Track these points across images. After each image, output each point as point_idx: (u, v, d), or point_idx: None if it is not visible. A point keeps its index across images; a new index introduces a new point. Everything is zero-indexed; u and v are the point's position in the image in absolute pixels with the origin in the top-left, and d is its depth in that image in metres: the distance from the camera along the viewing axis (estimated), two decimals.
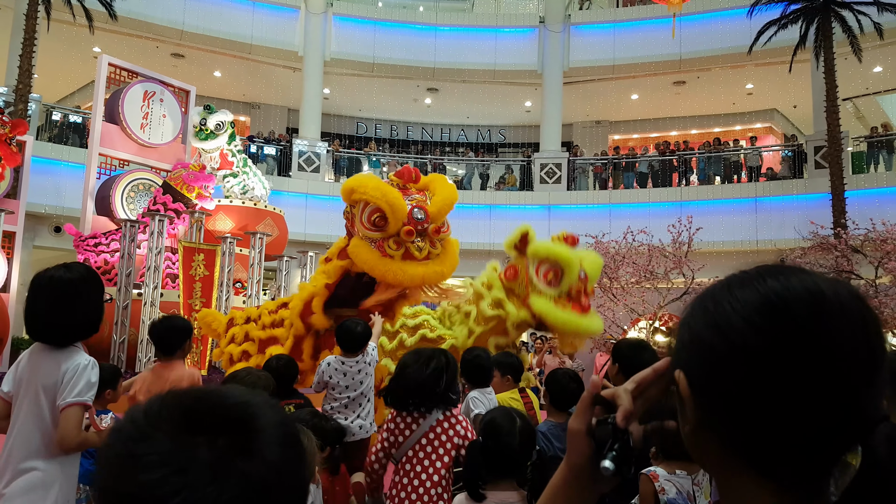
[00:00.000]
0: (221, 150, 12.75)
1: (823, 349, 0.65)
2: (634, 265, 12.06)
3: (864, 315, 0.68)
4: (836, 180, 14.41)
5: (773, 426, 0.65)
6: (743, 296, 0.69)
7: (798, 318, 0.66)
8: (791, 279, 0.69)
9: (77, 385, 2.37)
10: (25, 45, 13.93)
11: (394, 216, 4.69)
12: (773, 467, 0.67)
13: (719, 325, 0.69)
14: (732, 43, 17.49)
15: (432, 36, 19.63)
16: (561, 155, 19.12)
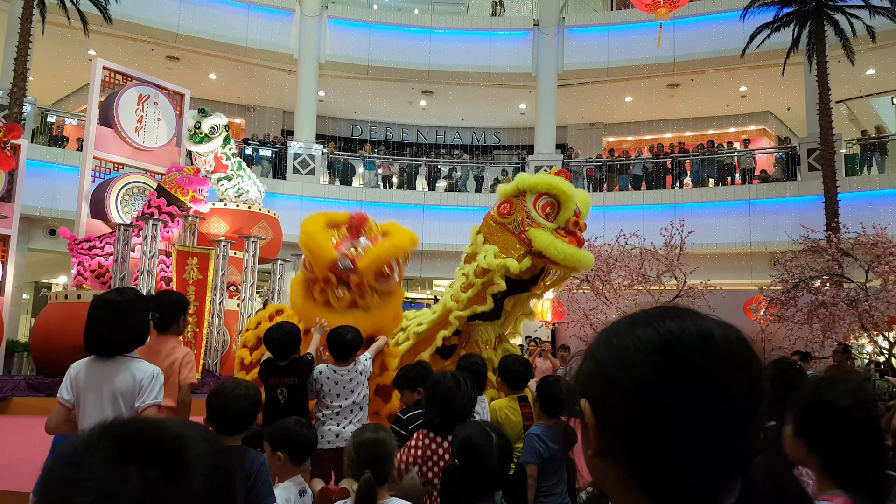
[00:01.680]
0: (216, 154, 12.77)
1: (713, 389, 0.71)
2: (627, 268, 12.11)
3: (750, 358, 0.74)
4: (829, 183, 14.49)
5: (667, 456, 0.70)
6: (644, 335, 0.74)
7: (692, 359, 0.72)
8: (687, 322, 0.75)
9: (154, 389, 2.85)
10: (20, 47, 13.94)
11: (315, 263, 4.73)
12: (666, 493, 0.72)
13: (622, 360, 0.74)
14: (726, 46, 17.57)
15: (427, 38, 19.68)
16: (555, 157, 19.18)
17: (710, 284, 12.30)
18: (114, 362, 2.86)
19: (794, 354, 9.20)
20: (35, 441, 3.78)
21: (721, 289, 12.69)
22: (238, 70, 19.82)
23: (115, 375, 2.83)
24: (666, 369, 0.71)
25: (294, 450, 2.82)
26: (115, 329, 2.86)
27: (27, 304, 18.83)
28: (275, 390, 4.01)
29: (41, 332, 10.66)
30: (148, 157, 12.32)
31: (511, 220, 5.43)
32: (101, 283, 11.01)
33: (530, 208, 5.33)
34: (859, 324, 10.11)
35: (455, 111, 22.26)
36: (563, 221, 5.35)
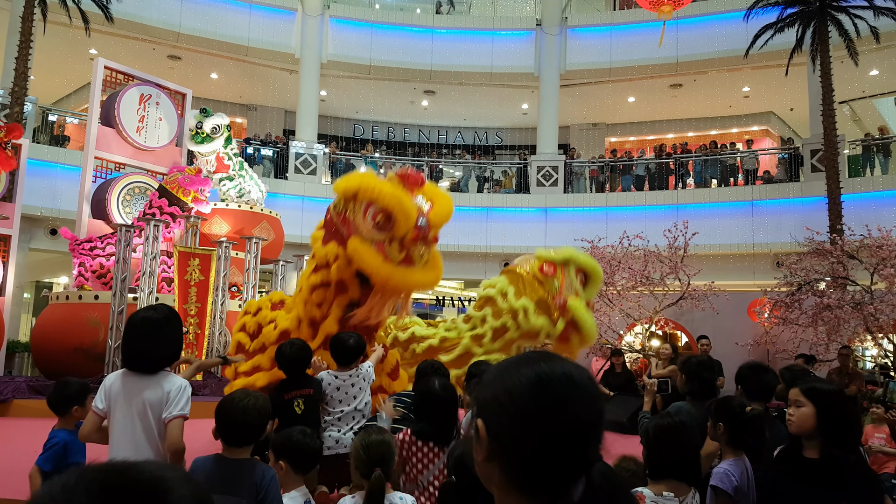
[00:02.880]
0: (218, 154, 12.73)
1: (570, 413, 0.98)
2: (630, 270, 12.05)
3: (596, 392, 1.02)
4: (833, 184, 14.43)
5: (535, 461, 0.97)
6: (525, 372, 1.01)
7: (557, 392, 0.99)
8: (554, 364, 1.02)
9: (181, 401, 2.93)
10: (21, 47, 13.90)
11: (405, 220, 4.54)
12: (532, 488, 0.98)
13: (510, 391, 1.00)
14: (729, 46, 17.52)
15: (429, 38, 19.63)
16: (557, 157, 19.13)
17: (713, 286, 12.23)
18: (148, 376, 2.97)
19: (799, 357, 9.16)
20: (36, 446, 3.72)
21: (725, 291, 12.63)
22: (240, 69, 19.78)
23: (145, 387, 2.95)
24: (539, 398, 0.98)
25: (297, 459, 2.78)
26: (152, 346, 2.99)
27: (28, 304, 18.80)
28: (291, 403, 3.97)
29: (42, 332, 10.63)
30: (149, 157, 12.29)
31: (550, 282, 5.92)
32: (102, 283, 10.98)
33: (573, 277, 5.86)
34: (864, 327, 10.06)
35: (457, 111, 22.21)
36: (592, 295, 5.99)
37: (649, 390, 4.08)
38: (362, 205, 4.66)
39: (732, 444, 2.87)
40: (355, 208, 4.72)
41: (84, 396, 3.64)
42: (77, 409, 3.61)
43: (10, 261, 11.38)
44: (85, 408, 3.62)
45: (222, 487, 2.57)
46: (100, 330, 9.89)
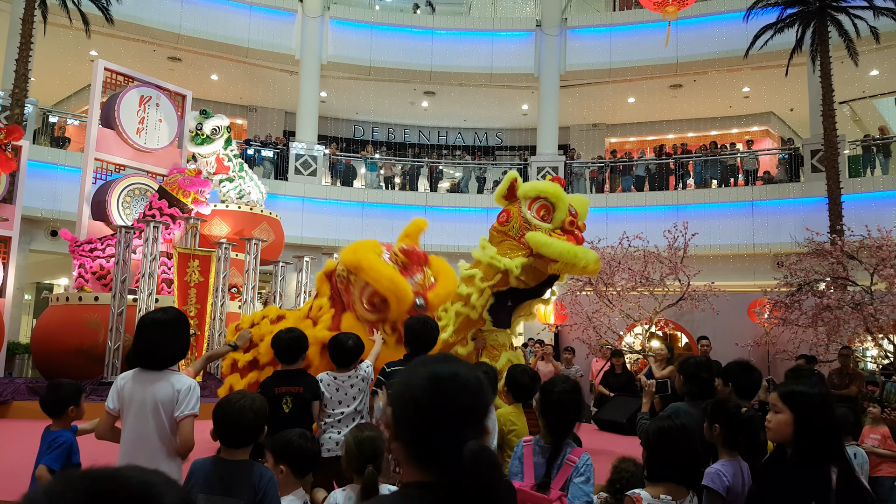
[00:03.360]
0: (217, 155, 12.73)
1: (456, 403, 1.24)
2: (630, 271, 12.04)
3: (477, 387, 1.28)
4: (833, 184, 14.43)
5: (428, 440, 1.23)
6: (423, 371, 1.28)
7: (444, 387, 1.25)
8: (447, 365, 1.30)
9: (191, 401, 3.05)
10: (22, 48, 13.91)
11: (398, 306, 4.70)
12: (426, 461, 1.24)
13: (411, 385, 1.27)
14: (729, 46, 17.52)
15: (429, 39, 19.63)
16: (557, 158, 19.14)
17: (713, 287, 12.23)
18: (156, 374, 3.11)
19: (800, 358, 9.16)
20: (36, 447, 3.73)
21: (725, 291, 12.63)
22: (240, 71, 19.79)
23: (156, 387, 3.08)
24: (432, 391, 1.24)
25: (297, 463, 2.78)
26: (161, 346, 3.13)
27: (28, 306, 18.81)
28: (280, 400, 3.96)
29: (42, 334, 10.64)
30: (149, 158, 12.30)
31: (510, 227, 5.71)
32: (102, 285, 10.98)
33: (525, 212, 5.60)
34: (864, 327, 10.04)
35: (457, 112, 22.22)
36: (558, 222, 5.58)
37: (648, 391, 4.07)
38: (360, 284, 4.89)
39: (727, 444, 2.86)
40: (355, 284, 4.96)
41: (78, 397, 3.70)
42: (72, 410, 3.66)
43: (10, 262, 11.39)
44: (80, 408, 3.70)
45: (221, 488, 2.58)
46: (100, 331, 9.90)
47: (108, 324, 9.73)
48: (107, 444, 3.19)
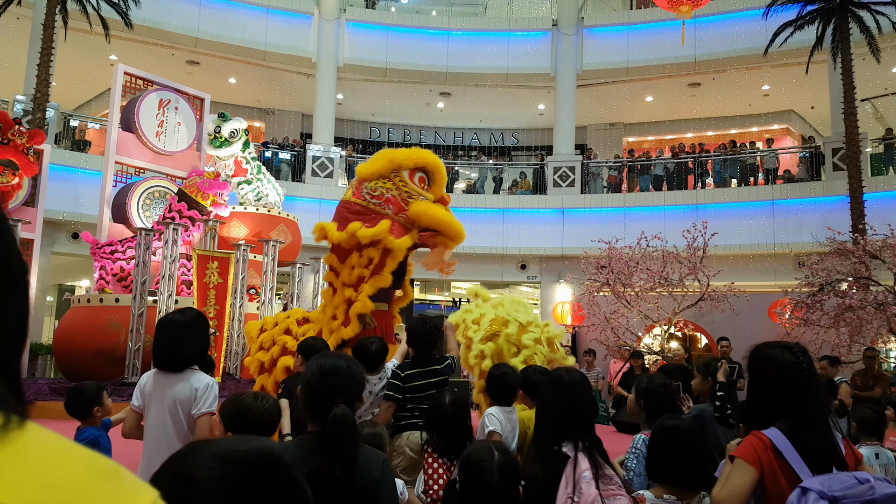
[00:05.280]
0: (236, 158, 12.83)
1: (329, 383, 2.14)
2: (648, 271, 11.95)
3: (353, 372, 2.18)
4: (855, 182, 14.23)
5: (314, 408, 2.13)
6: (315, 363, 2.12)
7: (326, 373, 2.14)
8: (331, 359, 2.21)
9: (208, 399, 3.13)
10: (43, 54, 14.10)
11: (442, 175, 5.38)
12: (314, 421, 2.01)
13: (308, 372, 2.17)
14: (748, 44, 17.33)
15: (445, 40, 19.63)
16: (574, 158, 19.04)
17: (733, 287, 12.10)
18: (177, 374, 3.20)
19: (823, 359, 9.03)
20: None
21: (745, 292, 12.49)
22: (257, 74, 19.92)
23: (175, 385, 3.16)
24: (321, 378, 2.13)
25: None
26: (180, 347, 3.20)
27: (51, 307, 19.06)
28: None
29: (64, 335, 10.77)
30: (169, 161, 12.41)
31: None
32: (122, 286, 11.10)
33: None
34: (887, 328, 9.90)
35: (473, 112, 22.20)
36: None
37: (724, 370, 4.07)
38: (406, 172, 5.16)
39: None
40: (400, 178, 5.16)
41: (100, 395, 3.84)
42: (98, 409, 3.81)
43: (32, 264, 11.55)
44: (105, 406, 3.86)
45: None
46: (120, 332, 10.01)
47: (129, 325, 9.84)
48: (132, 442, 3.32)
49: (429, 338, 4.29)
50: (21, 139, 10.42)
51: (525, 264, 18.50)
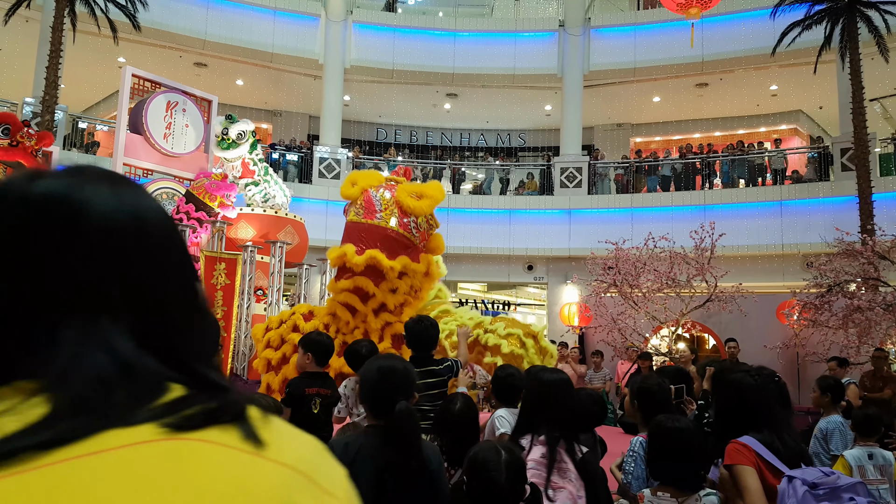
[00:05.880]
0: (243, 160, 12.85)
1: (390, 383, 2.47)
2: (656, 272, 11.92)
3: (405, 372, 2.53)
4: (863, 183, 14.15)
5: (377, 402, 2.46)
6: (373, 365, 2.46)
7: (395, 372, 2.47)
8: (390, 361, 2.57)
9: None
10: (52, 56, 14.18)
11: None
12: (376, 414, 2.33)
13: (366, 372, 2.44)
14: (755, 44, 17.27)
15: (451, 41, 19.64)
16: (581, 159, 19.00)
17: (741, 288, 12.05)
18: None
19: (832, 360, 8.97)
20: None
21: (753, 293, 12.44)
22: (265, 76, 19.98)
23: None
24: (380, 377, 2.42)
25: None
26: None
27: None
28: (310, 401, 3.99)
29: None
30: (176, 163, 12.46)
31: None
32: None
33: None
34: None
35: (480, 113, 22.20)
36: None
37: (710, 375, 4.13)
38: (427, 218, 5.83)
39: None
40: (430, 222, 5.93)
41: None
42: None
43: None
44: None
45: None
46: None
47: None
48: None
49: (425, 336, 4.25)
50: (30, 141, 10.48)
51: (532, 265, 18.48)
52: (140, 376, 0.60)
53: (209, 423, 0.57)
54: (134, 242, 0.64)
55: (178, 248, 0.69)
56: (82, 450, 0.52)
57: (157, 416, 0.56)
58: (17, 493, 0.49)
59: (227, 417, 0.58)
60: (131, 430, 0.55)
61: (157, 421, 0.56)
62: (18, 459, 0.51)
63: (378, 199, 5.82)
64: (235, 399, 0.62)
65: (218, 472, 0.53)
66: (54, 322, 0.60)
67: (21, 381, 0.58)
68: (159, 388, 0.59)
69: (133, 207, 0.66)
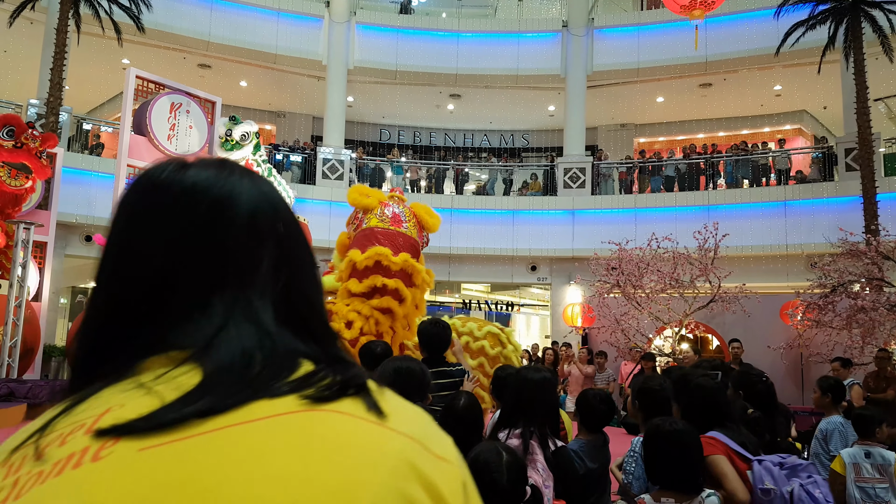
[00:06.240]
0: (247, 161, 12.89)
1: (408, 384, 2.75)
2: (659, 272, 11.91)
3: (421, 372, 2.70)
4: (868, 183, 14.12)
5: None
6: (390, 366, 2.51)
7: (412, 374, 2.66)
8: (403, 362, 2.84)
9: None
10: (56, 58, 14.23)
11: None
12: None
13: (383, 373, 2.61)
14: (759, 44, 17.24)
15: (455, 42, 19.65)
16: (585, 159, 18.99)
17: (744, 289, 12.03)
18: None
19: (835, 361, 8.96)
20: None
21: (756, 293, 12.42)
22: (268, 77, 20.01)
23: None
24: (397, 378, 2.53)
25: None
26: None
27: (64, 309, 19.21)
28: None
29: None
30: None
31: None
32: None
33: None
34: None
35: (483, 114, 22.21)
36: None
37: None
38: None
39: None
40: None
41: None
42: None
43: (46, 267, 11.65)
44: None
45: None
46: None
47: None
48: None
49: (439, 338, 4.35)
50: (34, 143, 10.52)
51: (535, 266, 18.47)
52: (278, 349, 0.65)
53: (340, 396, 0.62)
54: (273, 226, 0.72)
55: (302, 233, 0.76)
56: (235, 419, 0.57)
57: (296, 389, 0.61)
58: (181, 460, 0.54)
59: (352, 390, 0.63)
60: (276, 401, 0.60)
61: (297, 393, 0.61)
62: (180, 427, 0.56)
63: (401, 211, 6.28)
64: (357, 373, 0.66)
65: (353, 440, 0.58)
66: (206, 297, 0.66)
67: (174, 350, 0.64)
68: (294, 362, 0.65)
69: (270, 196, 0.74)
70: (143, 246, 0.68)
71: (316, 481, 0.54)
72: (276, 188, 0.76)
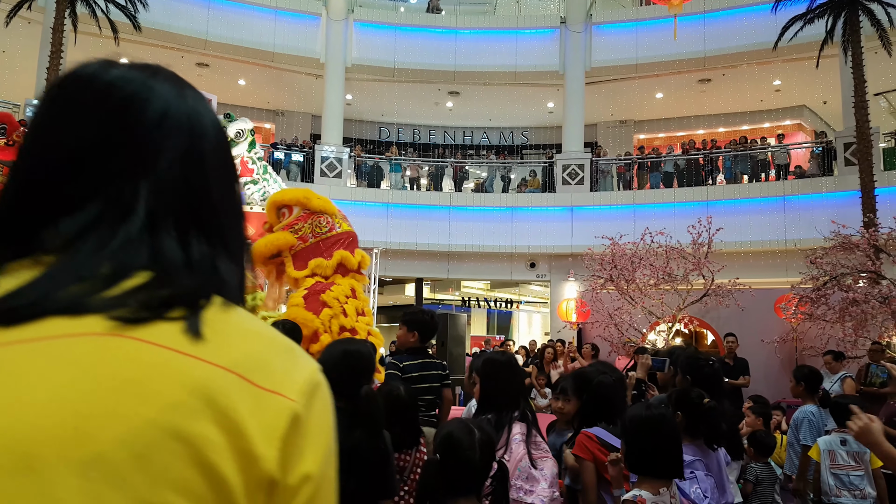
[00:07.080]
0: (242, 158, 12.90)
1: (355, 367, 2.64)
2: (652, 267, 11.87)
3: (369, 355, 2.64)
4: (866, 177, 14.04)
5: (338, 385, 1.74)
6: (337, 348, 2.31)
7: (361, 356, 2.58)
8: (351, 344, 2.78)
9: None
10: (53, 57, 14.30)
11: None
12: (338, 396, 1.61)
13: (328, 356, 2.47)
14: (758, 39, 17.16)
15: (453, 39, 19.64)
16: (584, 156, 18.95)
17: (738, 283, 11.97)
18: None
19: (827, 354, 8.90)
20: None
21: (750, 287, 12.36)
22: (266, 75, 20.05)
23: None
24: (345, 360, 2.49)
25: None
26: None
27: None
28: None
29: None
30: None
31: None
32: None
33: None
34: (893, 322, 9.76)
35: (482, 111, 22.19)
36: None
37: (643, 363, 4.30)
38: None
39: (689, 432, 3.12)
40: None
41: None
42: None
43: None
44: None
45: None
46: None
47: None
48: None
49: (429, 327, 4.50)
50: None
51: (534, 263, 18.45)
52: (130, 255, 0.61)
53: (156, 317, 0.57)
54: (186, 130, 0.68)
55: (226, 151, 0.73)
56: (24, 335, 0.54)
57: (111, 306, 0.56)
58: None
59: (178, 309, 0.58)
60: (80, 319, 0.55)
61: (108, 311, 0.56)
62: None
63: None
64: (195, 285, 0.61)
65: (135, 373, 0.53)
66: (95, 190, 0.63)
67: (40, 252, 0.60)
68: (132, 271, 0.60)
69: (192, 105, 0.72)
70: (51, 136, 0.65)
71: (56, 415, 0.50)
72: (207, 105, 0.75)
